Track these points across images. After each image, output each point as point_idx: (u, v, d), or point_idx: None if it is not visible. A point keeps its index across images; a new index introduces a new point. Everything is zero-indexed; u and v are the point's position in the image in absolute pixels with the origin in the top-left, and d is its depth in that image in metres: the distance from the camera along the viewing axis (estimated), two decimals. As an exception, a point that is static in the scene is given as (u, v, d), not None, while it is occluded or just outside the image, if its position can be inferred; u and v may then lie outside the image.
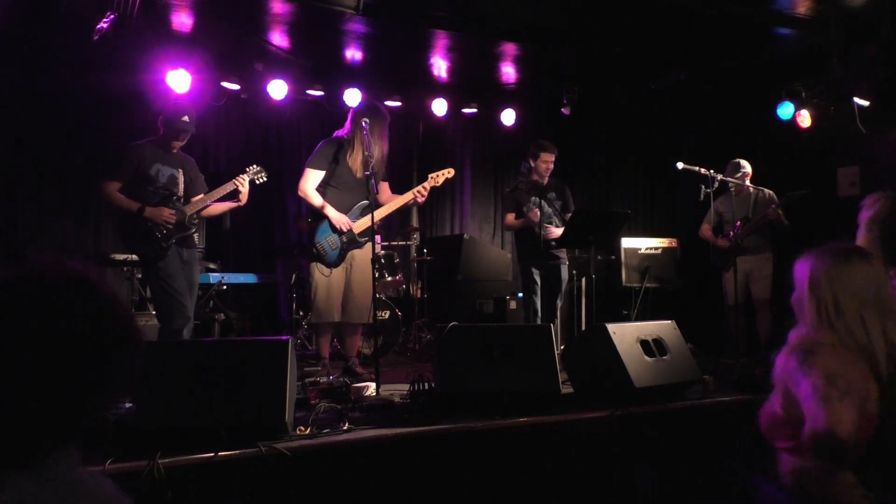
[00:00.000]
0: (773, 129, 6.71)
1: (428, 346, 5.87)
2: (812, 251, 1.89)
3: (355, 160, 4.38)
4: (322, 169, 4.40)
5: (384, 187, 4.56)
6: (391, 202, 4.49)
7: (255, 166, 4.37)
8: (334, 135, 4.52)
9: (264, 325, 6.51)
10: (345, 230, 4.38)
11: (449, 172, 4.63)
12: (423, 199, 4.51)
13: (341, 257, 4.42)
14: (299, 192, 4.42)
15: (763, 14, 5.36)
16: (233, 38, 5.90)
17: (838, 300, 1.77)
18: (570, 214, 5.24)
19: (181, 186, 4.20)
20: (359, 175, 4.38)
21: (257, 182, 4.37)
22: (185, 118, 4.14)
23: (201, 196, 4.23)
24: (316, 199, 4.38)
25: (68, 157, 5.94)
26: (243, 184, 4.22)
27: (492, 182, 8.05)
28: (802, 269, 1.89)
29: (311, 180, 4.39)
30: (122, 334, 0.96)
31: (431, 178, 4.56)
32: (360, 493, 2.60)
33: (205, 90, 6.22)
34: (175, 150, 4.23)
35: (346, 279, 4.45)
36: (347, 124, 4.44)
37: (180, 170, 4.21)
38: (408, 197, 4.47)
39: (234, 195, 4.25)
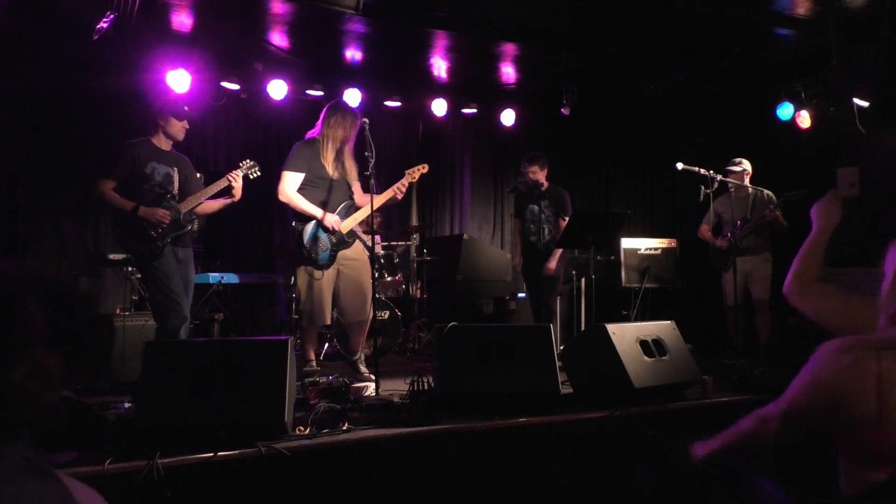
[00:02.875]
0: (773, 129, 6.71)
1: (427, 346, 5.87)
2: None
3: (327, 160, 4.37)
4: (300, 171, 4.36)
5: (356, 188, 4.55)
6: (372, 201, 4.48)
7: (248, 161, 4.34)
8: (307, 136, 4.50)
9: (264, 325, 6.51)
10: (337, 229, 4.36)
11: (423, 168, 4.67)
12: (402, 195, 4.54)
13: (332, 258, 4.39)
14: (280, 197, 4.34)
15: (763, 14, 5.37)
16: (233, 38, 5.90)
17: None
18: (566, 219, 5.26)
19: (176, 185, 4.18)
20: (333, 172, 4.38)
21: (251, 177, 4.34)
22: (186, 107, 4.18)
23: (196, 194, 4.23)
24: (299, 201, 4.34)
25: (68, 157, 5.94)
26: (236, 179, 4.20)
27: (491, 182, 8.05)
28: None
29: (292, 183, 4.34)
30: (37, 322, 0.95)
31: (408, 174, 4.59)
32: (360, 493, 2.60)
33: (205, 90, 6.23)
34: (170, 149, 4.22)
35: (336, 280, 4.44)
36: (318, 124, 4.43)
37: (175, 168, 4.19)
38: (387, 195, 4.46)
39: (227, 191, 4.23)
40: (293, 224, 4.45)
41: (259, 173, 4.38)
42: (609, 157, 8.21)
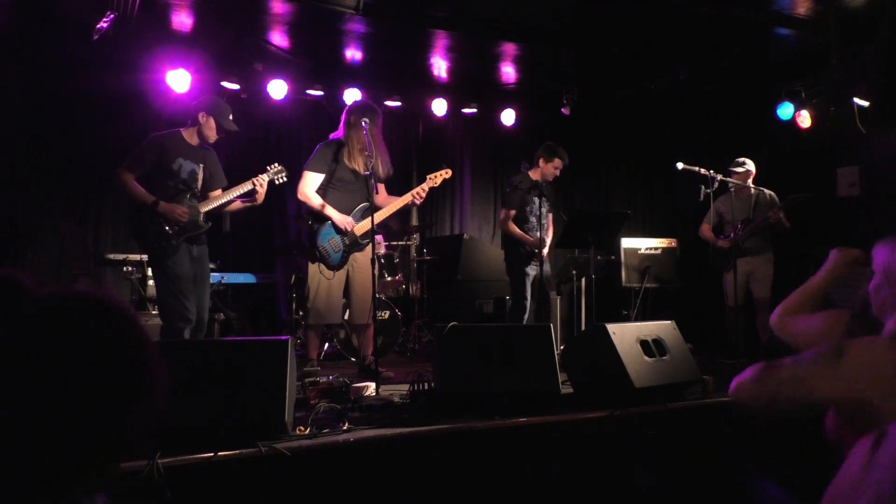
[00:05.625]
0: (773, 129, 6.71)
1: (428, 346, 5.87)
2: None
3: (354, 161, 4.38)
4: (321, 171, 4.40)
5: (380, 189, 4.56)
6: (390, 204, 4.49)
7: (276, 165, 4.31)
8: (330, 137, 4.52)
9: (264, 325, 6.51)
10: (348, 230, 4.38)
11: (446, 173, 4.65)
12: (422, 200, 4.53)
13: (344, 259, 4.42)
14: (299, 196, 4.41)
15: (763, 14, 5.37)
16: (233, 38, 5.90)
17: None
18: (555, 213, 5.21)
19: (200, 182, 4.16)
20: (355, 173, 4.39)
21: (277, 182, 4.31)
22: (230, 117, 4.12)
23: (217, 193, 4.19)
24: (317, 202, 4.37)
25: (68, 157, 5.93)
26: (262, 184, 4.17)
27: (492, 182, 8.05)
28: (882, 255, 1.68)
29: (311, 183, 4.39)
30: (147, 373, 0.90)
31: (430, 178, 4.58)
32: (360, 493, 2.60)
33: (205, 90, 6.22)
34: (198, 144, 4.17)
35: (347, 281, 4.46)
36: (341, 126, 4.44)
37: (201, 165, 4.16)
38: (406, 199, 4.48)
39: (250, 194, 4.22)
40: (309, 223, 4.47)
41: (286, 179, 4.35)
42: (609, 156, 8.20)
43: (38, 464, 0.78)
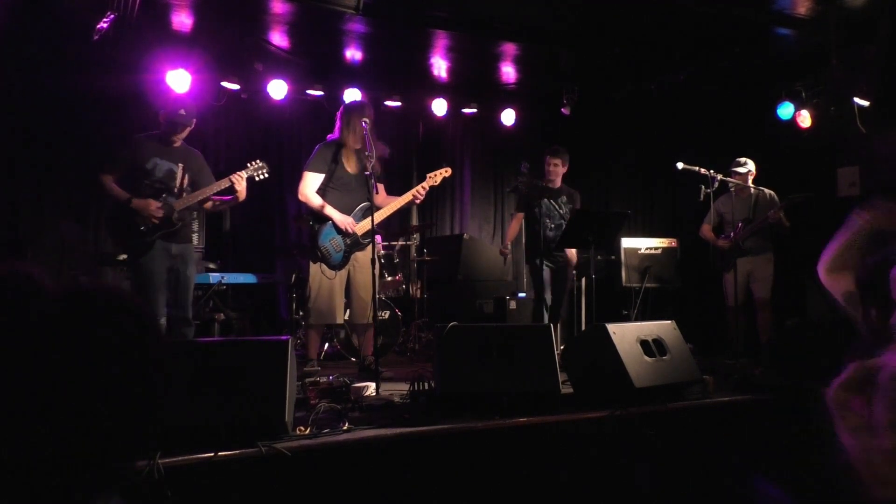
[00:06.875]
0: (773, 129, 6.70)
1: (428, 346, 5.87)
2: None
3: (350, 161, 4.39)
4: (321, 172, 4.41)
5: (380, 189, 4.57)
6: (391, 203, 4.50)
7: (256, 162, 4.32)
8: (328, 138, 4.53)
9: (264, 325, 6.50)
10: (350, 232, 4.39)
11: (446, 172, 4.66)
12: (422, 199, 4.54)
13: (345, 259, 4.43)
14: (300, 196, 4.42)
15: (763, 14, 5.37)
16: (233, 38, 5.90)
17: None
18: None
19: (179, 181, 4.18)
20: (354, 173, 4.40)
21: (257, 178, 4.32)
22: (182, 111, 4.15)
23: (194, 192, 4.22)
24: (317, 202, 4.38)
25: (68, 157, 5.93)
26: (239, 181, 4.19)
27: (492, 182, 8.05)
28: None
29: (311, 183, 4.40)
30: (162, 370, 0.88)
31: (430, 177, 4.59)
32: (360, 493, 2.60)
33: (205, 90, 6.22)
34: (178, 144, 4.22)
35: (349, 281, 4.47)
36: (337, 126, 4.45)
37: (181, 164, 4.19)
38: (407, 198, 4.49)
39: (229, 191, 4.23)
40: (310, 223, 4.48)
41: (267, 175, 4.35)
42: (609, 156, 8.20)
43: (55, 463, 0.77)
